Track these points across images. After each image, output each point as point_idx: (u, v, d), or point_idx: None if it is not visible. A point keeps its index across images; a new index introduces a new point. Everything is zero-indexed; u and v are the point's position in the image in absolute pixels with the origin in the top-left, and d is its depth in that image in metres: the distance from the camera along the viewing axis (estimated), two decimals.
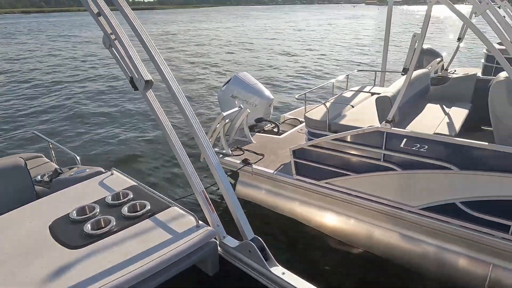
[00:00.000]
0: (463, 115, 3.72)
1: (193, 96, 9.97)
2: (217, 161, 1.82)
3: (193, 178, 1.80)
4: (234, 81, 5.09)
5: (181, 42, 24.45)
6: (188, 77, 12.90)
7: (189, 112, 1.75)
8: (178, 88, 1.73)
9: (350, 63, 15.15)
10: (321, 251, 3.55)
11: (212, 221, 1.84)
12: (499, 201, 2.64)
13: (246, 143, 4.60)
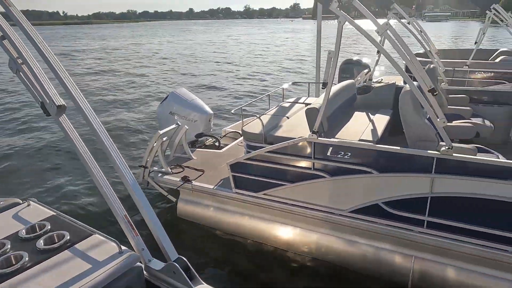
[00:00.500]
0: (385, 121, 4.07)
1: (132, 114, 9.66)
2: (134, 181, 1.80)
3: (114, 203, 1.76)
4: (171, 98, 5.05)
5: (121, 58, 23.59)
6: (128, 94, 12.50)
7: (102, 133, 1.71)
8: (90, 110, 1.69)
9: (289, 75, 15.77)
10: (263, 262, 3.61)
11: (136, 245, 1.80)
12: (414, 199, 2.91)
13: (187, 160, 4.58)
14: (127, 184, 1.76)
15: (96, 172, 1.74)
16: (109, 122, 8.81)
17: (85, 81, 14.65)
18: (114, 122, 8.92)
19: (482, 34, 7.46)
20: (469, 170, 2.65)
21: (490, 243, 2.74)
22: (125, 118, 9.28)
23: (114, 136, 7.61)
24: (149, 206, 1.84)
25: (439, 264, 3.00)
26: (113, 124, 8.75)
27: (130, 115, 9.63)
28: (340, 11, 2.80)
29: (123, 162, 1.78)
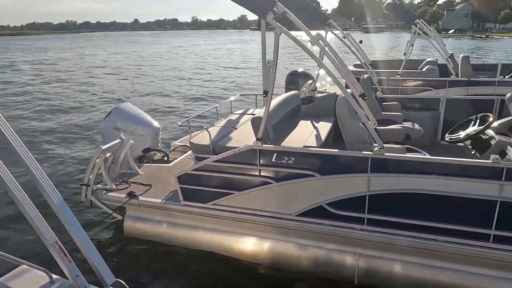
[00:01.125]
0: (328, 128, 4.31)
1: (74, 130, 9.17)
2: (61, 201, 1.71)
3: (42, 228, 1.65)
4: (115, 113, 4.89)
5: (64, 71, 22.24)
6: (70, 108, 11.83)
7: (21, 150, 1.61)
8: (5, 125, 1.58)
9: (237, 87, 15.96)
10: (218, 273, 3.61)
11: (69, 272, 1.69)
12: (353, 198, 3.09)
13: (133, 175, 4.45)
14: (54, 205, 1.66)
15: (19, 195, 1.61)
16: (49, 141, 8.27)
17: (17, 100, 13.56)
18: (54, 140, 8.39)
19: (410, 46, 8.19)
20: (400, 167, 2.88)
21: (424, 234, 2.98)
22: (66, 135, 8.77)
23: (54, 155, 7.18)
24: (79, 227, 1.74)
25: (381, 259, 3.20)
26: (53, 141, 8.23)
27: (72, 131, 9.13)
28: (276, 23, 2.92)
29: (48, 181, 1.68)
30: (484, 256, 2.88)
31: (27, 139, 8.27)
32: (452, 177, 2.76)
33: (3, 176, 1.59)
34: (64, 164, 6.75)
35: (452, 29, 75.43)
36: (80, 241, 1.71)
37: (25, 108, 11.95)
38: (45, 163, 6.72)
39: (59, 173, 6.31)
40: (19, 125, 9.60)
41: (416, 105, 5.19)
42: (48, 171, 6.36)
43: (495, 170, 2.65)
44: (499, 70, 8.65)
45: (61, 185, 5.75)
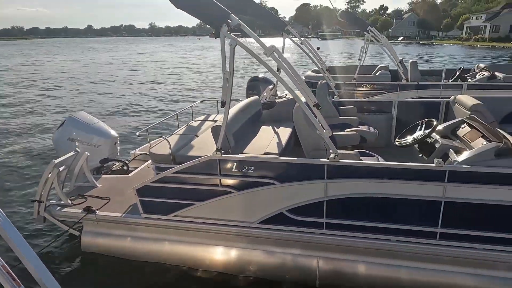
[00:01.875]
0: (288, 133, 4.39)
1: (24, 142, 8.58)
2: (4, 218, 1.61)
3: None
4: (69, 123, 4.66)
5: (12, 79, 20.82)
6: (19, 119, 11.06)
7: None
8: None
9: (198, 93, 15.84)
10: (182, 285, 3.53)
11: None
12: (312, 204, 3.17)
13: (91, 188, 4.25)
14: None
15: None
16: None
17: None
18: (2, 153, 7.78)
19: (364, 53, 8.62)
20: (353, 173, 3.01)
21: (378, 235, 3.14)
22: (15, 148, 8.19)
23: (3, 169, 6.65)
24: (27, 248, 1.64)
25: (340, 260, 3.29)
26: (1, 155, 7.62)
27: (23, 143, 8.55)
28: (230, 35, 2.95)
29: None
30: (433, 253, 3.07)
31: None
32: (401, 180, 2.92)
33: None
34: (14, 179, 6.30)
35: (401, 36, 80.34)
36: (29, 262, 1.60)
37: None
38: None
39: (9, 189, 5.88)
40: None
41: (371, 108, 5.44)
42: None
43: (438, 172, 2.83)
44: (444, 75, 9.38)
45: (11, 203, 5.37)
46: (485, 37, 57.71)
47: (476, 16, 64.51)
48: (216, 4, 2.96)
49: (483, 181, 2.77)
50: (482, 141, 3.14)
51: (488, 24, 58.22)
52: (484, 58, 31.65)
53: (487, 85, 7.65)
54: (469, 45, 54.36)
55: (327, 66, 6.60)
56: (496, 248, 2.93)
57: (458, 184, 2.81)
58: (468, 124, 3.61)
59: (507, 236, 2.88)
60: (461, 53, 39.62)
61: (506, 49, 43.78)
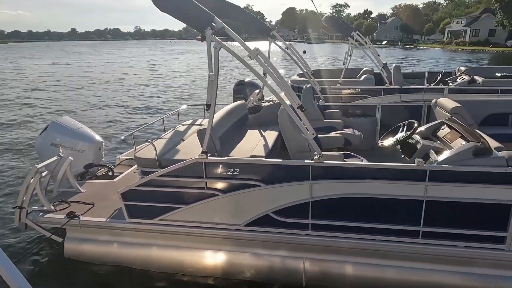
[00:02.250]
0: (274, 136, 4.42)
1: (6, 147, 8.37)
2: None
3: None
4: (53, 128, 4.58)
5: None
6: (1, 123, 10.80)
7: None
8: None
9: (185, 97, 15.77)
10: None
11: None
12: (298, 205, 3.18)
13: (74, 194, 4.18)
14: None
15: None
16: None
17: None
18: None
19: (349, 56, 8.75)
20: (338, 174, 3.06)
21: (363, 235, 3.18)
22: None
23: None
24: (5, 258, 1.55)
25: (325, 261, 3.31)
26: None
27: (4, 149, 8.34)
28: (215, 38, 2.97)
29: None
30: (416, 251, 3.11)
31: None
32: (384, 180, 2.97)
33: None
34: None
35: (385, 40, 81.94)
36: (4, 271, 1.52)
37: None
38: None
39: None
40: None
41: (356, 112, 5.53)
42: None
43: (419, 172, 2.89)
44: (426, 78, 9.61)
45: None
46: (465, 41, 59.42)
47: (456, 21, 66.42)
48: (200, 8, 2.97)
49: (462, 180, 2.84)
50: (461, 141, 3.23)
51: (468, 28, 59.98)
52: (465, 61, 32.54)
53: (467, 89, 7.89)
54: (451, 49, 55.91)
55: (312, 70, 6.68)
56: (476, 246, 3.01)
57: (439, 183, 2.88)
58: (448, 126, 3.71)
59: (485, 233, 2.96)
60: (443, 56, 40.67)
61: (485, 53, 45.15)
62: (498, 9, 46.81)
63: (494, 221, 2.92)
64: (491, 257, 3.02)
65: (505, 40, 53.55)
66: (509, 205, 2.84)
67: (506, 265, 3.03)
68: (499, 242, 2.96)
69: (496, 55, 41.75)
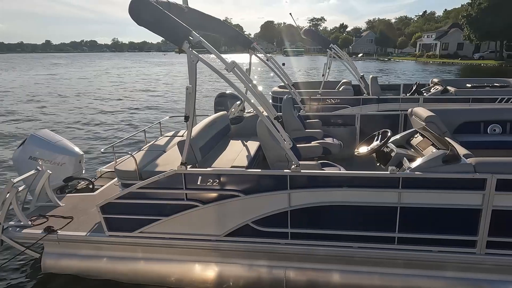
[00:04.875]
0: (256, 146, 4.50)
1: None
2: None
3: None
4: (31, 141, 4.48)
5: None
6: None
7: None
8: None
9: (167, 109, 15.68)
10: None
11: None
12: (277, 214, 3.20)
13: (53, 208, 4.09)
14: None
15: None
16: None
17: None
18: None
19: (328, 68, 9.02)
20: (315, 182, 3.09)
21: (340, 242, 3.20)
22: None
23: None
24: None
25: (306, 269, 3.35)
26: None
27: None
28: (192, 51, 3.02)
29: None
30: (392, 257, 3.17)
31: None
32: (359, 188, 3.01)
33: None
34: None
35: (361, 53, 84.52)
36: None
37: None
38: None
39: None
40: None
41: (336, 121, 5.68)
42: None
43: (393, 179, 2.95)
44: (402, 89, 10.02)
45: None
46: (436, 54, 62.25)
47: (427, 35, 69.54)
48: (177, 22, 3.01)
49: (433, 186, 2.95)
50: (432, 149, 3.39)
51: (438, 42, 62.91)
52: (436, 73, 33.99)
53: (441, 99, 8.22)
54: (422, 61, 58.30)
55: (292, 81, 6.84)
56: (449, 250, 3.10)
57: (411, 190, 2.97)
58: (421, 134, 3.89)
59: (457, 238, 3.07)
60: (416, 68, 42.35)
61: (455, 65, 47.34)
62: (465, 24, 49.29)
63: (465, 225, 3.01)
64: (463, 261, 3.11)
65: (472, 53, 56.44)
66: (478, 210, 2.94)
67: (478, 268, 3.14)
68: (471, 246, 3.07)
69: (464, 67, 43.84)
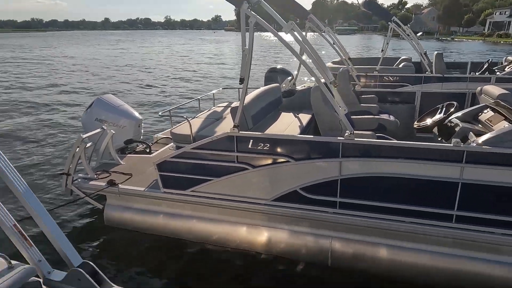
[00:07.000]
0: (307, 119, 4.46)
1: (54, 124, 8.96)
2: (23, 184, 1.67)
3: None
4: (97, 104, 4.86)
5: (46, 67, 21.62)
6: (51, 101, 11.68)
7: None
8: None
9: (221, 80, 16.23)
10: (192, 259, 3.64)
11: (30, 257, 1.64)
12: (326, 183, 3.15)
13: (114, 165, 4.44)
14: (15, 190, 1.60)
15: None
16: (31, 133, 8.12)
17: None
18: (36, 132, 8.24)
19: (386, 44, 8.49)
20: (369, 152, 2.98)
21: (392, 216, 3.06)
22: (47, 127, 8.69)
23: (37, 146, 7.11)
24: (44, 211, 1.68)
25: (353, 241, 3.27)
26: (35, 134, 8.08)
27: (54, 123, 9.05)
28: (250, 12, 3.01)
29: (8, 165, 1.62)
30: (448, 236, 2.99)
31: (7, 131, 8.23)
32: (418, 160, 2.85)
33: None
34: (46, 155, 6.66)
35: (420, 31, 78.55)
36: (43, 223, 1.65)
37: (6, 100, 11.68)
38: (27, 153, 6.69)
39: (41, 163, 6.23)
40: None
41: (393, 98, 5.36)
42: (29, 162, 6.29)
43: (456, 153, 2.76)
44: (469, 68, 9.08)
45: (41, 175, 5.70)
46: (509, 33, 55.86)
47: (499, 11, 62.51)
48: None
49: (502, 163, 2.69)
50: (505, 123, 3.11)
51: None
52: (510, 52, 30.73)
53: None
54: (492, 41, 52.79)
55: (349, 55, 6.57)
56: None
57: (476, 166, 2.75)
58: (492, 109, 3.56)
59: None
60: (483, 48, 38.57)
61: None
62: None
63: None
64: None
65: None
66: None
67: None
68: None
69: None
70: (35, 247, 1.66)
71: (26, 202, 1.63)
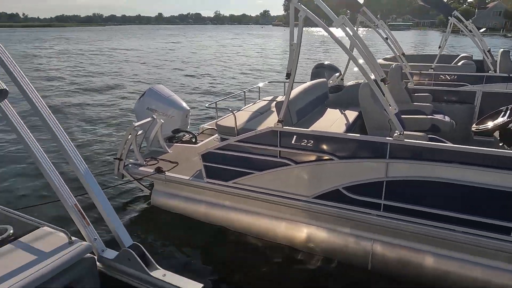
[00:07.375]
0: (354, 116, 4.31)
1: (110, 112, 9.60)
2: (85, 168, 1.78)
3: (62, 192, 1.72)
4: (149, 94, 5.09)
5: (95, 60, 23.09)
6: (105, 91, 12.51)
7: (49, 118, 1.68)
8: (35, 95, 1.66)
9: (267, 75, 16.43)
10: (228, 247, 3.71)
11: (87, 235, 1.76)
12: (371, 183, 3.02)
13: (162, 153, 4.64)
14: (78, 172, 1.71)
15: (43, 161, 1.69)
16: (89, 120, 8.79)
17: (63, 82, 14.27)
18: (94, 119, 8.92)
19: (445, 40, 7.90)
20: (419, 155, 2.80)
21: (441, 223, 2.88)
22: (103, 114, 9.36)
23: (93, 132, 7.66)
24: (102, 194, 1.79)
25: (396, 246, 3.13)
26: (92, 120, 8.76)
27: (110, 110, 9.75)
28: (300, 6, 2.95)
29: (74, 149, 1.73)
30: (504, 249, 2.74)
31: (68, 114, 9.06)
32: (473, 166, 2.64)
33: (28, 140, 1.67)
34: (101, 140, 7.16)
35: (483, 27, 72.49)
36: (101, 206, 1.76)
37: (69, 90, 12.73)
38: (83, 138, 7.24)
39: (96, 148, 6.72)
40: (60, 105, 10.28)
41: (449, 97, 4.98)
42: (85, 146, 6.80)
43: None
44: None
45: (96, 159, 6.15)
46: None
47: None
48: None
49: None
50: None
51: None
52: None
53: None
54: None
55: (403, 51, 6.22)
56: None
57: None
58: None
59: None
60: None
61: None
62: None
63: None
64: None
65: None
66: None
67: None
68: None
69: None
70: (92, 226, 1.78)
71: (86, 183, 1.75)
